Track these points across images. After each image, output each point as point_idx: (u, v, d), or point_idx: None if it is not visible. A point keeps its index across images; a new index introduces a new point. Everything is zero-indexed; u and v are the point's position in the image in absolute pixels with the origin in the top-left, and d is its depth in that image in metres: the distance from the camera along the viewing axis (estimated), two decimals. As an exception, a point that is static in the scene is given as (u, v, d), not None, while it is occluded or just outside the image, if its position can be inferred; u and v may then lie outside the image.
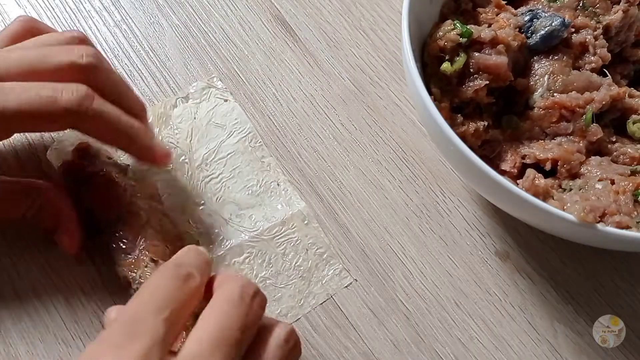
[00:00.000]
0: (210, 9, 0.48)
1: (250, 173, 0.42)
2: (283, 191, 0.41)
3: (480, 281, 0.39)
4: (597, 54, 0.39)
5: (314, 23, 0.48)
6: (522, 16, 0.39)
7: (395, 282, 0.39)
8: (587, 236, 0.34)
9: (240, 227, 0.40)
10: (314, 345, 0.37)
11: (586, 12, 0.40)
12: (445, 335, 0.38)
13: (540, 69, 0.39)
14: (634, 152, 0.38)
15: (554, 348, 0.38)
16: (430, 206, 0.41)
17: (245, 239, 0.39)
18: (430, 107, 0.34)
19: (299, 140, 0.43)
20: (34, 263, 0.38)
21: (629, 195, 0.35)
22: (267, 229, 0.40)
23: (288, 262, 0.39)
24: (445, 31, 0.37)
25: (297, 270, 0.39)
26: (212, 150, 0.42)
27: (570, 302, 0.39)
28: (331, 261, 0.39)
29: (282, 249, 0.39)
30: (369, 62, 0.46)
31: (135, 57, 0.46)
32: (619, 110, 0.39)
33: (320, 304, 0.38)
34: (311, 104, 0.45)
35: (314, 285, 0.38)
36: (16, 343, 0.37)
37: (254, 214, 0.40)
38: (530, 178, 0.36)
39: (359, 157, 0.43)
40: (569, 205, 0.34)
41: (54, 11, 0.47)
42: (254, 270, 0.39)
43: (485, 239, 0.41)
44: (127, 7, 0.48)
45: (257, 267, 0.39)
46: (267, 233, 0.40)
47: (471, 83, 0.37)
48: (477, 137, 0.38)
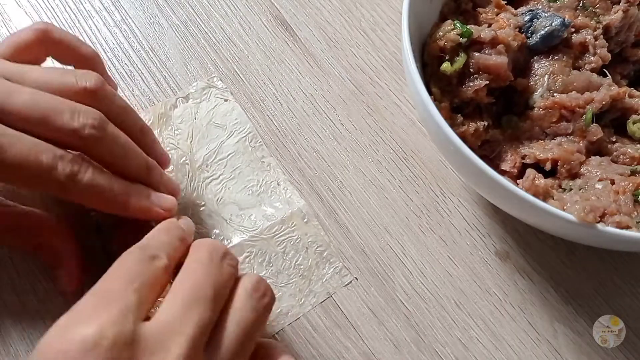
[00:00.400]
0: (210, 9, 0.48)
1: (251, 173, 0.42)
2: (283, 190, 0.41)
3: (480, 281, 0.39)
4: (597, 54, 0.39)
5: (314, 23, 0.48)
6: (522, 16, 0.39)
7: (395, 282, 0.39)
8: (587, 236, 0.34)
9: (240, 226, 0.40)
10: (314, 345, 0.37)
11: (586, 12, 0.40)
12: (445, 335, 0.38)
13: (540, 69, 0.39)
14: (634, 152, 0.38)
15: (554, 348, 0.38)
16: (430, 206, 0.41)
17: (245, 239, 0.39)
18: (430, 107, 0.34)
19: (299, 140, 0.43)
20: (34, 263, 0.38)
21: (629, 195, 0.35)
22: (267, 227, 0.40)
23: (288, 260, 0.39)
24: (445, 31, 0.37)
25: (297, 269, 0.39)
26: (213, 151, 0.42)
27: (570, 302, 0.39)
28: (331, 259, 0.39)
29: (282, 248, 0.39)
30: (369, 62, 0.46)
31: (135, 57, 0.46)
32: (619, 110, 0.39)
33: (321, 302, 0.38)
34: (311, 104, 0.45)
35: (314, 284, 0.38)
36: (16, 343, 0.37)
37: (254, 213, 0.40)
38: (530, 178, 0.36)
39: (359, 157, 0.43)
40: (569, 205, 0.34)
41: (54, 11, 0.47)
42: (254, 269, 0.39)
43: (485, 239, 0.41)
44: (127, 7, 0.48)
45: (257, 267, 0.39)
46: (267, 232, 0.40)
47: (471, 83, 0.37)
48: (477, 137, 0.38)
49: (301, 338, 0.37)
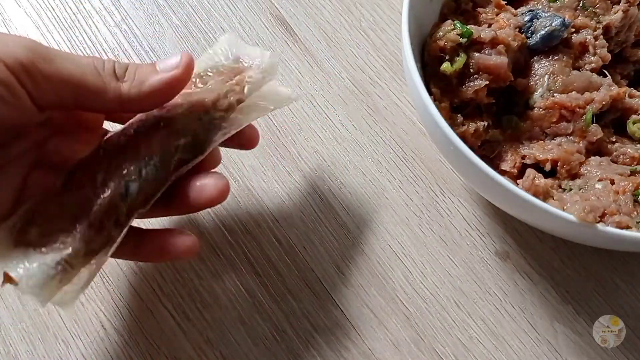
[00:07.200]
0: (210, 9, 0.48)
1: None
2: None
3: (480, 281, 0.39)
4: (597, 54, 0.39)
5: (314, 23, 0.48)
6: (522, 16, 0.39)
7: (395, 282, 0.39)
8: (587, 236, 0.34)
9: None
10: (314, 345, 0.37)
11: (586, 12, 0.40)
12: (445, 335, 0.38)
13: (540, 69, 0.39)
14: (634, 152, 0.38)
15: (554, 348, 0.38)
16: (430, 206, 0.41)
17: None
18: (430, 107, 0.34)
19: (299, 140, 0.43)
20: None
21: (629, 195, 0.35)
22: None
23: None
24: (445, 31, 0.37)
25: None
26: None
27: (570, 302, 0.39)
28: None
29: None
30: (369, 62, 0.46)
31: (136, 57, 0.46)
32: (619, 110, 0.39)
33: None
34: (311, 104, 0.45)
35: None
36: (16, 343, 0.37)
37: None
38: (530, 178, 0.36)
39: (359, 157, 0.43)
40: (569, 205, 0.34)
41: (54, 11, 0.47)
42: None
43: (485, 239, 0.41)
44: (127, 7, 0.48)
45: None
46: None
47: (471, 83, 0.37)
48: (477, 137, 0.38)
49: (301, 338, 0.37)
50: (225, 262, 0.40)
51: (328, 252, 0.40)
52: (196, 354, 0.37)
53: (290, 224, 0.41)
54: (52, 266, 0.29)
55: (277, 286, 0.39)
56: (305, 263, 0.40)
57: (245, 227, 0.41)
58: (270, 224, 0.41)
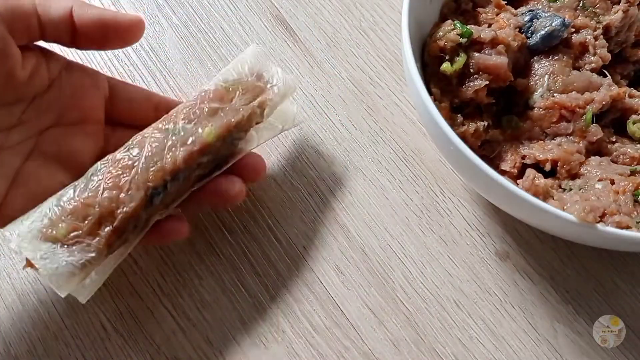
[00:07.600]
0: (210, 9, 0.48)
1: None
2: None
3: (480, 281, 0.39)
4: (597, 54, 0.39)
5: (314, 23, 0.48)
6: (522, 16, 0.39)
7: (395, 282, 0.39)
8: (587, 236, 0.34)
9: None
10: (314, 345, 0.37)
11: (586, 12, 0.40)
12: (445, 335, 0.38)
13: (540, 69, 0.39)
14: (634, 152, 0.38)
15: (554, 348, 0.38)
16: (430, 206, 0.41)
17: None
18: (430, 107, 0.34)
19: (299, 140, 0.43)
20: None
21: (629, 195, 0.35)
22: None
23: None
24: (445, 31, 0.37)
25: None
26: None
27: (570, 302, 0.39)
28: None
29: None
30: (369, 62, 0.46)
31: (135, 57, 0.46)
32: (619, 110, 0.39)
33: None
34: (311, 104, 0.45)
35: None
36: (16, 343, 0.37)
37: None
38: (530, 178, 0.36)
39: (359, 157, 0.43)
40: (569, 205, 0.34)
41: (54, 11, 0.47)
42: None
43: (485, 239, 0.41)
44: (127, 7, 0.48)
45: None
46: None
47: (471, 83, 0.37)
48: (477, 137, 0.38)
49: (301, 338, 0.38)
50: (225, 262, 0.40)
51: (328, 252, 0.40)
52: (196, 354, 0.37)
53: (290, 224, 0.41)
54: (78, 266, 0.31)
55: (277, 286, 0.39)
56: (305, 263, 0.40)
57: (245, 227, 0.41)
58: (270, 224, 0.41)
